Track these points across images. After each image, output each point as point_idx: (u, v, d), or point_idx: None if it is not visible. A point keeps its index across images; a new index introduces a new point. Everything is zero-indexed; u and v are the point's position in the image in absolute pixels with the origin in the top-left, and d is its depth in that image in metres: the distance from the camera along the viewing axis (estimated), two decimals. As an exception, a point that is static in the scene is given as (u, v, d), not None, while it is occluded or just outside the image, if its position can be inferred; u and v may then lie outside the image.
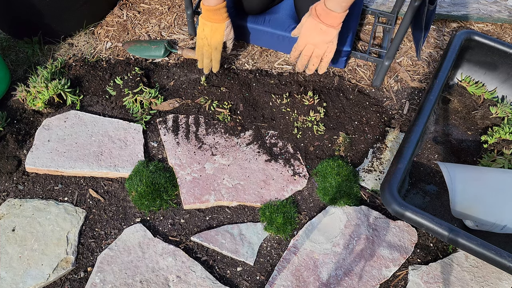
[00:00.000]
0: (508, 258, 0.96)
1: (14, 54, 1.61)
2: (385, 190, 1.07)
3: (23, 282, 1.10)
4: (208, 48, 1.37)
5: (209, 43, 1.35)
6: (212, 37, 1.33)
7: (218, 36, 1.33)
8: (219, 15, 1.30)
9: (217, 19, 1.30)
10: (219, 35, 1.33)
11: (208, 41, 1.35)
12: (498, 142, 1.31)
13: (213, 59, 1.40)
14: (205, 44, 1.36)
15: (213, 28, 1.32)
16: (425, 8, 1.19)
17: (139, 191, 1.24)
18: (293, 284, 1.13)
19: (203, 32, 1.34)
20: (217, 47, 1.36)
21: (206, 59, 1.40)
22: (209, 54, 1.38)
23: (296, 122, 1.41)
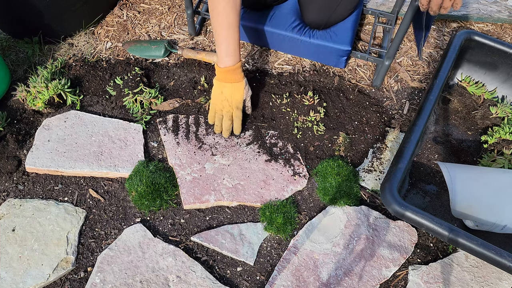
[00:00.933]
0: (508, 258, 0.96)
1: (14, 54, 1.61)
2: (385, 190, 1.07)
3: (23, 282, 1.10)
4: (229, 109, 1.30)
5: (230, 104, 1.29)
6: (233, 97, 1.28)
7: (238, 96, 1.29)
8: (237, 74, 1.26)
9: (236, 78, 1.27)
10: (239, 94, 1.28)
11: (229, 102, 1.29)
12: (498, 142, 1.31)
13: (236, 119, 1.33)
14: (226, 106, 1.30)
15: (234, 88, 1.27)
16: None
17: (139, 191, 1.24)
18: (293, 284, 1.13)
19: (222, 94, 1.28)
20: (238, 106, 1.30)
21: (227, 120, 1.32)
22: (230, 115, 1.32)
23: (296, 122, 1.41)
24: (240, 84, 1.28)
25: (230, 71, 1.25)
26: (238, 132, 1.36)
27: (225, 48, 1.23)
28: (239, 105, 1.31)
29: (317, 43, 1.48)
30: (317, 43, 1.48)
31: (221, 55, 1.25)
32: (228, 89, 1.28)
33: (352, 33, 1.49)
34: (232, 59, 1.24)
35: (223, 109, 1.31)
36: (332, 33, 1.49)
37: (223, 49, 1.24)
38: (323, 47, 1.49)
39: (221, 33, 1.22)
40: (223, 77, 1.27)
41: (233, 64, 1.25)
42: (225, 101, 1.29)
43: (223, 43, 1.23)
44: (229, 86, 1.28)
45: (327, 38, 1.48)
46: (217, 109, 1.32)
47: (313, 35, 1.49)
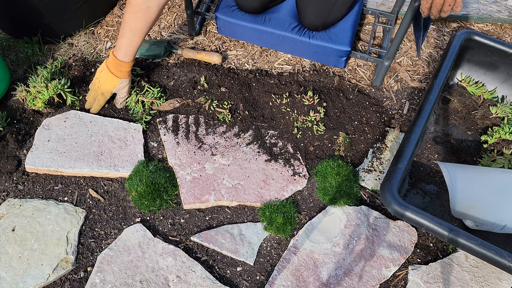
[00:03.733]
0: (508, 258, 0.96)
1: (14, 54, 1.61)
2: (385, 190, 1.07)
3: (23, 282, 1.10)
4: (96, 89, 1.38)
5: (99, 86, 1.37)
6: (103, 83, 1.36)
7: (108, 86, 1.36)
8: (121, 70, 1.33)
9: (117, 72, 1.34)
10: (110, 86, 1.36)
11: (99, 83, 1.37)
12: (498, 142, 1.31)
13: (96, 101, 1.41)
14: (95, 85, 1.38)
15: (108, 77, 1.35)
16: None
17: (139, 191, 1.24)
18: (293, 284, 1.13)
19: (100, 72, 1.37)
20: (103, 93, 1.38)
21: (91, 99, 1.41)
22: (94, 96, 1.40)
23: (296, 122, 1.41)
24: (115, 78, 1.35)
25: (116, 63, 1.32)
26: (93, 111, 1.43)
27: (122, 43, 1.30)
28: (105, 92, 1.38)
29: (317, 43, 1.48)
30: (317, 43, 1.48)
31: (117, 45, 1.31)
32: (104, 75, 1.35)
33: (351, 33, 1.49)
34: (123, 55, 1.31)
35: (92, 87, 1.40)
36: (332, 33, 1.49)
37: (120, 43, 1.30)
38: (323, 47, 1.49)
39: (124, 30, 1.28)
40: (109, 63, 1.34)
41: (121, 59, 1.32)
42: (97, 80, 1.38)
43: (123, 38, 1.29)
44: (106, 72, 1.35)
45: (327, 38, 1.48)
46: (92, 84, 1.40)
47: (312, 36, 1.49)
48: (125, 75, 1.35)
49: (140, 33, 1.28)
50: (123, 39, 1.29)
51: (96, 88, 1.38)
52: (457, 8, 1.10)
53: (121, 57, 1.31)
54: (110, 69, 1.33)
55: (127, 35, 1.28)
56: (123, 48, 1.30)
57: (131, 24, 1.26)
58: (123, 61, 1.32)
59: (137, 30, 1.27)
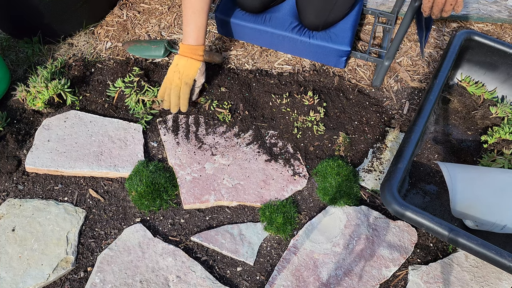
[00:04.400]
0: (508, 258, 0.96)
1: (14, 54, 1.61)
2: (385, 190, 1.07)
3: (23, 282, 1.10)
4: (178, 82, 1.34)
5: (180, 77, 1.33)
6: (185, 70, 1.33)
7: (191, 71, 1.33)
8: (197, 54, 1.33)
9: (194, 56, 1.33)
10: (192, 70, 1.33)
11: (180, 74, 1.33)
12: (498, 142, 1.31)
13: (182, 95, 1.35)
14: (175, 78, 1.34)
15: (189, 63, 1.33)
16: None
17: (139, 191, 1.24)
18: (293, 284, 1.13)
19: (176, 66, 1.34)
20: (187, 82, 1.34)
21: (174, 96, 1.35)
22: (178, 89, 1.35)
23: (296, 122, 1.41)
24: (196, 62, 1.33)
25: (191, 49, 1.32)
26: (184, 109, 1.38)
27: (190, 29, 1.30)
28: (188, 80, 1.34)
29: (317, 43, 1.48)
30: (317, 43, 1.48)
31: (185, 34, 1.32)
32: (183, 61, 1.33)
33: (351, 33, 1.49)
34: (195, 40, 1.31)
35: (172, 83, 1.35)
36: (332, 33, 1.49)
37: (188, 30, 1.31)
38: (323, 47, 1.49)
39: (186, 18, 1.29)
40: (183, 52, 1.33)
41: (195, 44, 1.31)
42: (177, 73, 1.34)
43: (189, 24, 1.30)
44: (185, 59, 1.33)
45: (327, 38, 1.48)
46: (168, 81, 1.36)
47: (312, 36, 1.49)
48: (202, 59, 1.34)
49: (203, 12, 1.28)
50: (189, 25, 1.29)
51: (177, 83, 1.34)
52: (458, 7, 1.11)
53: (194, 42, 1.31)
54: (188, 55, 1.32)
55: (192, 19, 1.28)
56: (193, 33, 1.30)
57: (193, 6, 1.26)
58: (198, 45, 1.32)
59: (200, 11, 1.27)
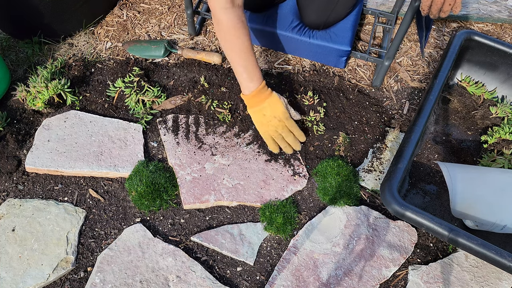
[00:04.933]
0: (508, 258, 0.96)
1: (14, 54, 1.61)
2: (385, 190, 1.07)
3: (23, 282, 1.10)
4: (282, 124, 1.25)
5: (280, 119, 1.24)
6: (277, 111, 1.24)
7: (280, 107, 1.24)
8: (266, 90, 1.24)
9: (267, 94, 1.24)
10: (280, 105, 1.24)
11: (277, 118, 1.24)
12: (498, 142, 1.31)
13: (293, 128, 1.28)
14: (277, 124, 1.25)
15: (272, 103, 1.23)
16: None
17: (139, 191, 1.24)
18: (293, 284, 1.13)
19: (265, 116, 1.24)
20: (287, 117, 1.26)
21: (289, 135, 1.27)
22: (287, 128, 1.27)
23: (296, 122, 1.41)
24: (274, 97, 1.24)
25: (259, 92, 1.22)
26: (303, 138, 1.31)
27: (247, 74, 1.21)
28: (287, 115, 1.26)
29: (317, 43, 1.48)
30: (317, 43, 1.48)
31: (245, 81, 1.22)
32: (267, 108, 1.24)
33: (351, 33, 1.49)
34: (256, 81, 1.22)
35: (277, 128, 1.26)
36: (332, 33, 1.48)
37: (245, 76, 1.21)
38: (323, 47, 1.49)
39: (239, 61, 1.20)
40: (255, 100, 1.24)
41: (259, 84, 1.22)
42: (273, 120, 1.24)
43: (244, 71, 1.21)
44: (266, 104, 1.23)
45: (327, 38, 1.48)
46: (271, 132, 1.27)
47: (312, 35, 1.49)
48: (271, 91, 1.25)
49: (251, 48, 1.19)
50: (246, 69, 1.20)
51: (282, 125, 1.25)
52: (456, 8, 1.11)
53: (258, 83, 1.22)
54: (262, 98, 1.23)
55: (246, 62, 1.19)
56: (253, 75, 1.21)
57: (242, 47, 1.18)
58: (262, 84, 1.23)
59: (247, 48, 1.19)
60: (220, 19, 1.17)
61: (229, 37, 1.18)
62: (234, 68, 1.23)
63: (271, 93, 1.25)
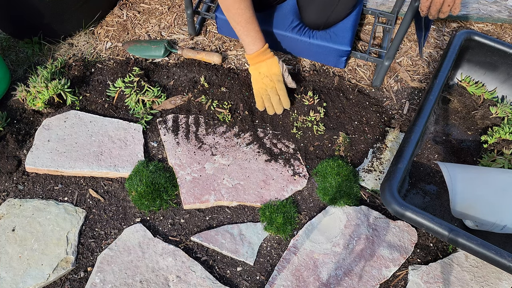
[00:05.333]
0: (508, 258, 0.96)
1: (14, 54, 1.61)
2: (385, 190, 1.07)
3: (23, 282, 1.10)
4: (272, 84, 1.35)
5: (271, 79, 1.35)
6: (271, 71, 1.34)
7: (276, 69, 1.35)
8: (267, 53, 1.34)
9: (267, 56, 1.34)
10: (276, 67, 1.34)
11: (269, 77, 1.34)
12: (498, 142, 1.31)
13: (280, 91, 1.36)
14: (267, 82, 1.35)
15: (269, 64, 1.34)
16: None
17: (139, 191, 1.24)
18: (293, 284, 1.13)
19: (260, 74, 1.35)
20: (279, 79, 1.35)
21: (275, 96, 1.36)
22: (275, 90, 1.36)
23: (296, 122, 1.41)
24: (273, 59, 1.34)
25: (260, 54, 1.33)
26: (287, 105, 1.39)
27: (250, 39, 1.32)
28: (279, 77, 1.35)
29: (317, 43, 1.48)
30: (317, 43, 1.48)
31: (247, 45, 1.33)
32: (263, 66, 1.34)
33: (351, 33, 1.49)
34: (258, 44, 1.32)
35: (267, 87, 1.36)
36: (332, 33, 1.48)
37: (247, 41, 1.32)
38: (323, 47, 1.49)
39: (242, 30, 1.31)
40: (255, 60, 1.34)
41: (260, 47, 1.33)
42: (265, 78, 1.35)
43: (246, 36, 1.32)
44: (263, 64, 1.34)
45: (327, 38, 1.48)
46: (261, 90, 1.37)
47: (312, 35, 1.49)
48: (272, 54, 1.35)
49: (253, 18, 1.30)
50: (249, 33, 1.31)
51: (271, 85, 1.35)
52: (455, 9, 1.12)
53: (261, 45, 1.33)
54: (262, 59, 1.33)
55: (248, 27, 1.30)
56: (256, 38, 1.31)
57: (244, 19, 1.28)
58: (264, 46, 1.33)
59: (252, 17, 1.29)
60: None
61: (233, 9, 1.28)
62: (237, 34, 1.33)
63: (272, 56, 1.35)
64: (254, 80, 1.37)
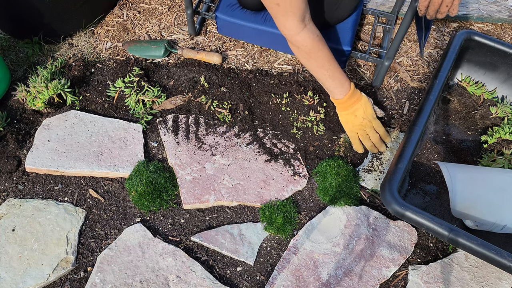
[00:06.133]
0: (508, 258, 0.96)
1: (14, 54, 1.61)
2: (385, 190, 1.07)
3: (23, 282, 1.10)
4: (370, 124, 1.32)
5: (369, 120, 1.31)
6: (366, 112, 1.31)
7: (370, 109, 1.32)
8: (357, 92, 1.30)
9: (358, 96, 1.30)
10: (369, 107, 1.32)
11: (367, 119, 1.31)
12: (498, 142, 1.31)
13: (378, 128, 1.34)
14: (366, 124, 1.31)
15: (363, 105, 1.30)
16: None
17: (139, 191, 1.24)
18: (293, 284, 1.13)
19: (356, 117, 1.31)
20: (374, 117, 1.33)
21: (374, 134, 1.33)
22: (373, 129, 1.33)
23: (296, 122, 1.41)
24: (364, 99, 1.31)
25: (351, 96, 1.28)
26: (389, 139, 1.37)
27: (337, 82, 1.26)
28: (374, 115, 1.33)
29: (317, 43, 1.48)
30: (317, 43, 1.48)
31: (335, 89, 1.27)
32: (359, 109, 1.30)
33: (352, 33, 1.49)
34: (346, 86, 1.27)
35: (366, 128, 1.32)
36: (332, 33, 1.48)
37: (334, 84, 1.26)
38: (323, 47, 1.49)
39: (327, 72, 1.24)
40: (348, 104, 1.29)
41: (349, 88, 1.28)
42: (364, 120, 1.31)
43: (333, 79, 1.25)
44: (358, 106, 1.29)
45: (327, 38, 1.47)
46: (359, 132, 1.32)
47: (313, 35, 1.49)
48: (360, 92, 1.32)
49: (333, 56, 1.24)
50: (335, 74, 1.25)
51: (369, 125, 1.32)
52: (453, 10, 1.12)
53: (348, 87, 1.28)
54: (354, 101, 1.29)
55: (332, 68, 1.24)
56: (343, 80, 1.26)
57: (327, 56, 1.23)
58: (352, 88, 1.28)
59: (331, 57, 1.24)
60: (299, 43, 1.19)
61: (314, 55, 1.21)
62: (322, 79, 1.27)
63: (361, 95, 1.31)
64: (350, 124, 1.32)
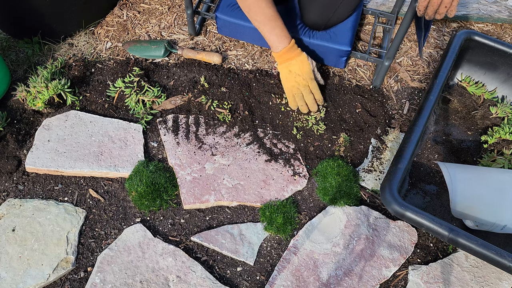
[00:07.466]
0: (508, 258, 0.96)
1: (14, 54, 1.61)
2: (385, 190, 1.07)
3: (23, 282, 1.10)
4: (305, 83, 1.34)
5: (304, 77, 1.33)
6: (302, 69, 1.33)
7: (307, 67, 1.33)
8: (295, 49, 1.32)
9: (296, 53, 1.32)
10: (307, 65, 1.33)
11: (301, 76, 1.33)
12: (498, 142, 1.31)
13: (314, 89, 1.36)
14: (300, 81, 1.34)
15: (299, 61, 1.32)
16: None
17: (139, 191, 1.24)
18: (293, 284, 1.13)
19: (290, 72, 1.33)
20: (311, 77, 1.35)
21: (308, 94, 1.36)
22: (308, 88, 1.36)
23: (296, 122, 1.41)
24: (302, 56, 1.33)
25: (287, 50, 1.31)
26: (321, 102, 1.40)
27: (275, 37, 1.30)
28: (311, 75, 1.34)
29: (317, 43, 1.48)
30: (317, 43, 1.48)
31: (273, 43, 1.31)
32: (294, 65, 1.32)
33: (352, 33, 1.49)
34: (284, 41, 1.30)
35: (300, 86, 1.34)
36: (332, 33, 1.48)
37: (273, 39, 1.31)
38: (323, 47, 1.49)
39: (265, 28, 1.30)
40: (284, 58, 1.32)
41: (287, 44, 1.30)
42: (298, 77, 1.33)
43: (271, 34, 1.30)
44: (294, 62, 1.32)
45: (327, 38, 1.48)
46: (294, 89, 1.36)
47: (313, 35, 1.49)
48: (300, 50, 1.33)
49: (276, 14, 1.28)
50: (274, 30, 1.29)
51: (304, 84, 1.34)
52: (451, 11, 1.14)
53: (287, 42, 1.30)
54: (291, 56, 1.31)
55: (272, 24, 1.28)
56: (281, 36, 1.29)
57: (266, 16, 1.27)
58: (291, 43, 1.31)
59: (272, 15, 1.28)
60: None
61: (254, 8, 1.28)
62: (262, 33, 1.32)
63: (300, 52, 1.33)
64: (284, 78, 1.35)
